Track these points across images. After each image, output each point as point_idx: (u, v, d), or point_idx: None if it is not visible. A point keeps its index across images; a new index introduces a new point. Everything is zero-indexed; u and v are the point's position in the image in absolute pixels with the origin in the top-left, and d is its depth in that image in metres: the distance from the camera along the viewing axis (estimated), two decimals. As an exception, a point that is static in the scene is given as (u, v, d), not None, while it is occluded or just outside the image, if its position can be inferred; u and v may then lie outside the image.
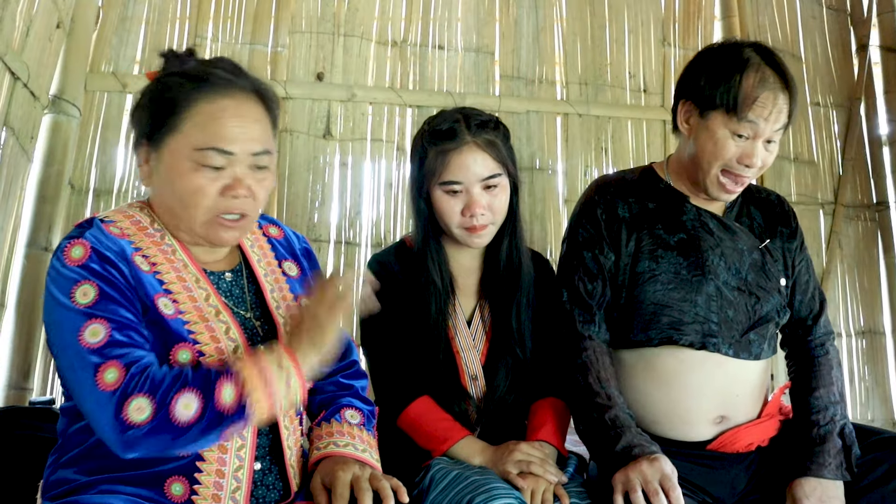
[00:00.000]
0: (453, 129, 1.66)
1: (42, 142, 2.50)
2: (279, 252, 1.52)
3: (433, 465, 1.55)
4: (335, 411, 1.49)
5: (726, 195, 1.68)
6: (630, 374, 1.69)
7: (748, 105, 1.57)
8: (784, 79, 1.59)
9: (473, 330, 1.77)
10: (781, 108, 1.58)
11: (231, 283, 1.41)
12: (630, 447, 1.48)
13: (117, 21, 2.75)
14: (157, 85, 1.34)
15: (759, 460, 1.67)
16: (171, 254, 1.34)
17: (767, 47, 1.65)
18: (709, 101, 1.62)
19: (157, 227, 1.36)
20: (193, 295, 1.32)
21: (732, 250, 1.70)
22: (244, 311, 1.39)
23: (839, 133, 3.29)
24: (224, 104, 1.29)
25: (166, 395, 1.16)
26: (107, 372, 1.17)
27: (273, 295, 1.43)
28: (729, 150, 1.61)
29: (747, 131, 1.59)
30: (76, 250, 1.24)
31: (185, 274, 1.33)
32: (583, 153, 3.07)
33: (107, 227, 1.30)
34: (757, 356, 1.67)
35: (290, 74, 2.86)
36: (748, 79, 1.58)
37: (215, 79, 1.30)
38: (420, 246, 1.74)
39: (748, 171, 1.62)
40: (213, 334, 1.30)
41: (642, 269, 1.67)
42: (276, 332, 1.39)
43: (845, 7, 3.40)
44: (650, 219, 1.72)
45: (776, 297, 1.71)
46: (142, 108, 1.34)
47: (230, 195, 1.28)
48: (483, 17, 3.06)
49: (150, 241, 1.33)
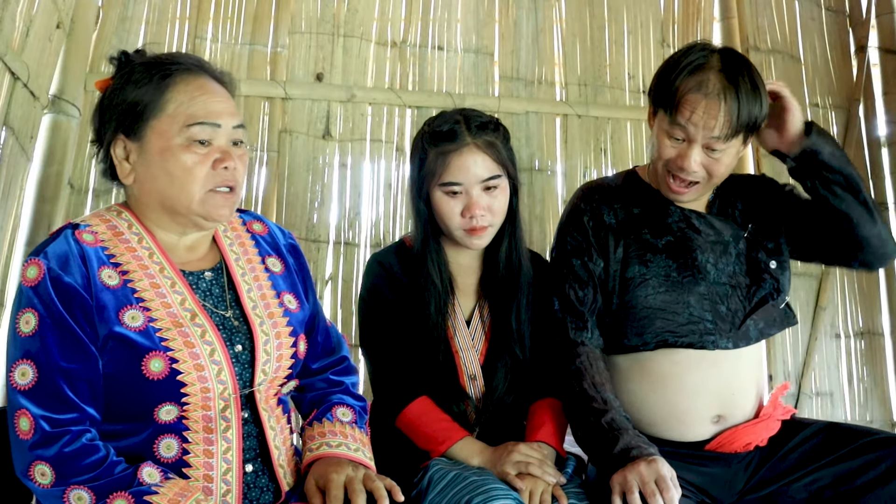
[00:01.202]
0: (454, 130, 1.66)
1: (42, 142, 2.49)
2: (263, 248, 1.52)
3: (431, 466, 1.55)
4: (327, 410, 1.50)
5: (675, 196, 1.69)
6: (625, 378, 1.70)
7: (676, 106, 1.58)
8: (729, 86, 1.55)
9: (472, 330, 1.77)
10: (712, 114, 1.55)
11: (211, 282, 1.41)
12: (628, 448, 1.48)
13: (117, 21, 2.75)
14: (122, 81, 1.35)
15: (758, 460, 1.67)
16: (147, 258, 1.34)
17: (739, 56, 1.64)
18: (655, 100, 1.66)
19: (134, 230, 1.36)
20: (167, 301, 1.32)
21: (719, 245, 1.71)
22: (223, 310, 1.39)
23: (838, 134, 3.28)
24: (200, 82, 1.35)
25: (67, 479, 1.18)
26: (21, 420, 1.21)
27: (250, 294, 1.43)
28: (666, 151, 1.63)
29: (679, 133, 1.60)
30: (31, 270, 1.26)
31: (161, 279, 1.33)
32: (582, 154, 3.06)
33: (79, 235, 1.30)
34: (756, 339, 1.69)
35: (289, 75, 2.86)
36: (686, 81, 1.58)
37: (184, 61, 1.36)
38: (420, 246, 1.74)
39: (686, 174, 1.62)
40: (187, 339, 1.30)
41: (632, 275, 1.68)
42: (251, 332, 1.39)
43: (844, 9, 3.40)
44: (636, 224, 1.73)
45: (769, 281, 1.72)
46: (113, 106, 1.34)
47: (221, 167, 1.33)
48: (482, 19, 3.06)
49: (125, 246, 1.33)
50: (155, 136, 1.31)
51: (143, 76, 1.33)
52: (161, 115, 1.31)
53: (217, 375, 1.30)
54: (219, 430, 1.31)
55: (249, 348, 1.37)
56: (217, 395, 1.31)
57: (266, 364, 1.38)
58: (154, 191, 1.34)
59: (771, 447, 1.68)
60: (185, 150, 1.31)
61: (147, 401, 1.27)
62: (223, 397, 1.32)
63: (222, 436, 1.31)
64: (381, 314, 1.75)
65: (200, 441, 1.30)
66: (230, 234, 1.50)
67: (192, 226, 1.38)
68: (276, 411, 1.42)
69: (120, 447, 1.27)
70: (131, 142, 1.33)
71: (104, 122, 1.36)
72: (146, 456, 1.27)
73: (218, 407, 1.31)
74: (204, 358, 1.30)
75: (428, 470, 1.55)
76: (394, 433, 1.68)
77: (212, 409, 1.31)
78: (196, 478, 1.28)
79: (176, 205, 1.34)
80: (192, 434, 1.29)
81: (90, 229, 1.33)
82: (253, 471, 1.36)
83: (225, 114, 1.34)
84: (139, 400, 1.27)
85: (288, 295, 1.48)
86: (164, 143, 1.31)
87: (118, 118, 1.33)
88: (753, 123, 1.59)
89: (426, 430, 1.64)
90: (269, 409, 1.39)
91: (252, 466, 1.36)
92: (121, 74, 1.36)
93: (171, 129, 1.31)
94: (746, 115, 1.56)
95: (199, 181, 1.32)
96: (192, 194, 1.32)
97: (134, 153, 1.34)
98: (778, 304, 1.75)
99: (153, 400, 1.27)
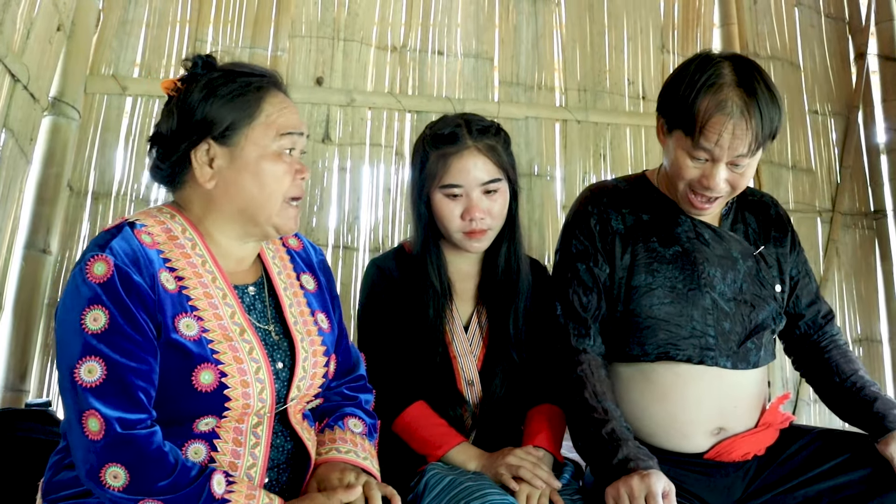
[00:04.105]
0: (455, 133, 1.67)
1: (41, 144, 2.50)
2: (298, 265, 1.51)
3: (428, 471, 1.55)
4: (339, 419, 1.49)
5: (696, 212, 1.65)
6: (627, 387, 1.68)
7: (700, 129, 1.51)
8: (749, 101, 1.50)
9: (470, 335, 1.77)
10: (739, 134, 1.49)
11: (254, 296, 1.40)
12: (627, 460, 1.47)
13: (117, 24, 2.76)
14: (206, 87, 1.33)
15: (756, 468, 1.67)
16: (200, 266, 1.33)
17: (748, 62, 1.58)
18: (671, 119, 1.59)
19: (188, 235, 1.34)
20: (219, 312, 1.30)
21: (727, 260, 1.68)
22: (265, 325, 1.38)
23: (837, 141, 3.30)
24: (282, 95, 1.40)
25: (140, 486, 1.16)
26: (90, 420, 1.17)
27: (291, 310, 1.42)
28: (688, 171, 1.57)
29: (703, 154, 1.54)
30: (98, 266, 1.21)
31: (213, 289, 1.32)
32: (581, 159, 3.07)
33: (138, 235, 1.28)
34: (755, 364, 1.67)
35: (289, 79, 2.86)
36: (703, 102, 1.51)
37: (268, 73, 1.41)
38: (419, 250, 1.74)
39: (711, 192, 1.57)
40: (237, 354, 1.28)
41: (638, 283, 1.65)
42: (293, 348, 1.38)
43: (844, 16, 3.41)
44: (645, 231, 1.69)
45: (772, 305, 1.70)
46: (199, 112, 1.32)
47: (299, 178, 1.38)
48: (482, 23, 3.07)
49: (181, 252, 1.31)
50: (250, 143, 1.33)
51: (236, 86, 1.34)
52: (256, 125, 1.34)
53: (259, 393, 1.29)
54: (247, 444, 1.30)
55: (289, 365, 1.37)
56: (254, 411, 1.30)
57: (302, 381, 1.38)
58: (238, 197, 1.34)
59: (769, 455, 1.68)
60: (278, 159, 1.34)
61: (192, 411, 1.25)
62: (259, 414, 1.31)
63: (250, 452, 1.31)
64: (379, 319, 1.75)
65: (228, 453, 1.29)
66: (271, 247, 1.49)
67: (262, 236, 1.39)
68: (304, 424, 1.42)
69: None
70: (221, 147, 1.33)
71: (185, 126, 1.33)
72: None
73: (251, 423, 1.31)
74: (250, 375, 1.28)
75: (424, 474, 1.55)
76: (391, 437, 1.68)
77: (245, 423, 1.30)
78: None
79: (258, 212, 1.35)
80: (221, 443, 1.28)
81: (146, 230, 1.30)
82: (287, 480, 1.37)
83: (302, 125, 1.40)
84: (184, 409, 1.25)
85: (321, 314, 1.48)
86: (260, 151, 1.33)
87: (207, 124, 1.32)
88: (776, 131, 1.55)
89: (423, 434, 1.64)
90: (299, 424, 1.39)
91: (286, 475, 1.37)
92: (204, 81, 1.34)
93: (267, 138, 1.34)
94: (769, 126, 1.52)
95: (282, 191, 1.35)
96: (277, 202, 1.35)
97: (221, 158, 1.33)
98: (776, 329, 1.74)
99: (198, 411, 1.25)
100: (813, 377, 1.81)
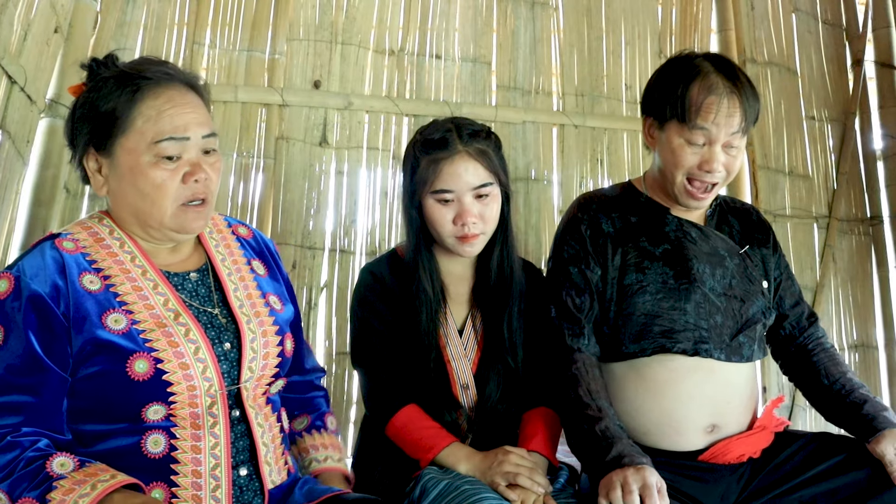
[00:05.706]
0: (445, 138, 1.67)
1: (38, 145, 2.49)
2: (248, 251, 1.55)
3: (423, 475, 1.54)
4: (319, 418, 1.57)
5: (695, 202, 1.72)
6: (621, 385, 1.70)
7: (696, 112, 1.64)
8: (734, 83, 1.64)
9: (465, 339, 1.77)
10: (731, 112, 1.63)
11: (197, 282, 1.43)
12: (620, 456, 1.49)
13: (115, 26, 2.75)
14: (92, 94, 1.35)
15: (751, 471, 1.67)
16: (129, 262, 1.36)
17: (719, 55, 1.74)
18: (663, 113, 1.69)
19: (116, 235, 1.38)
20: (150, 303, 1.34)
21: (715, 257, 1.74)
22: (211, 308, 1.41)
23: (834, 147, 3.30)
24: (168, 94, 1.34)
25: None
26: None
27: (236, 294, 1.45)
28: (687, 159, 1.67)
29: (700, 138, 1.65)
30: (1, 284, 1.28)
31: (143, 281, 1.35)
32: (578, 164, 3.07)
33: (60, 244, 1.32)
34: (748, 358, 1.71)
35: (287, 82, 2.86)
36: (694, 87, 1.65)
37: (152, 74, 1.35)
38: (412, 255, 1.74)
39: (711, 176, 1.67)
40: (171, 339, 1.31)
41: (630, 282, 1.70)
42: (238, 330, 1.41)
43: (841, 22, 3.41)
44: (634, 232, 1.75)
45: (760, 300, 1.76)
46: (82, 119, 1.35)
47: (191, 181, 1.34)
48: (480, 28, 3.07)
49: (107, 251, 1.35)
50: (124, 153, 1.32)
51: (113, 90, 1.33)
52: (129, 132, 1.32)
53: (202, 373, 1.32)
54: (206, 425, 1.33)
55: (237, 346, 1.39)
56: (203, 392, 1.32)
57: (252, 361, 1.40)
58: (126, 204, 1.36)
59: (764, 458, 1.69)
60: (153, 167, 1.32)
61: (134, 401, 1.28)
62: (209, 394, 1.33)
63: (210, 431, 1.33)
64: (372, 324, 1.75)
65: (188, 437, 1.31)
66: (216, 235, 1.53)
67: (167, 238, 1.40)
68: (265, 409, 1.43)
69: (108, 447, 1.28)
70: (102, 157, 1.35)
71: (76, 132, 1.36)
72: (134, 454, 1.28)
73: (205, 404, 1.33)
74: (189, 356, 1.31)
75: (420, 479, 1.54)
76: (386, 443, 1.67)
77: (199, 405, 1.32)
78: (185, 474, 1.30)
79: (148, 220, 1.36)
80: (179, 430, 1.31)
81: (71, 237, 1.35)
82: (247, 474, 1.37)
83: (193, 125, 1.34)
84: (126, 401, 1.28)
85: (273, 296, 1.52)
86: (132, 161, 1.32)
87: (89, 131, 1.34)
88: (757, 114, 1.70)
89: (413, 437, 1.64)
90: (256, 408, 1.41)
91: (246, 470, 1.37)
92: (93, 84, 1.36)
93: (140, 147, 1.32)
94: (754, 107, 1.67)
95: (169, 197, 1.33)
96: (164, 210, 1.34)
97: (105, 167, 1.35)
98: (767, 323, 1.78)
99: (140, 400, 1.28)
100: (801, 380, 1.84)
